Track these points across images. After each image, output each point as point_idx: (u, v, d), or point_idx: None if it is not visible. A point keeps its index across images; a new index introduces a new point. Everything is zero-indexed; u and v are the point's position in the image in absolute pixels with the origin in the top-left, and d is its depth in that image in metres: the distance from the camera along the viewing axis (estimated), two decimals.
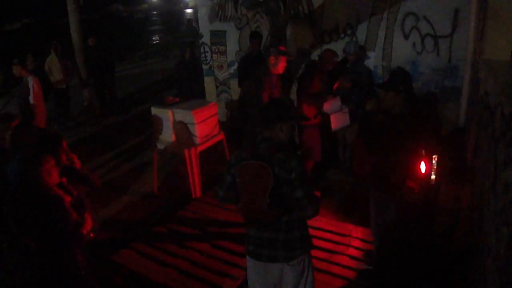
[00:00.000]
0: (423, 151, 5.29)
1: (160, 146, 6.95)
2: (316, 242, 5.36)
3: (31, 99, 7.67)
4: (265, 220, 3.26)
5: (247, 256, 3.57)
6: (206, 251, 5.43)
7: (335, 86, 6.63)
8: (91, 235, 4.01)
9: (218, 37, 9.35)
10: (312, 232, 5.37)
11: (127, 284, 5.02)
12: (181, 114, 6.61)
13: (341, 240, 5.46)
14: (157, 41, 26.50)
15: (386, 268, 4.80)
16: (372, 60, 7.34)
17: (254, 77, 5.91)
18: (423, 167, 5.32)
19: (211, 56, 9.64)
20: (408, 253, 5.07)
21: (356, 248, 5.30)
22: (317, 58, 7.10)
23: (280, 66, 5.59)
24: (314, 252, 4.93)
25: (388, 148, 4.34)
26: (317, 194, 3.43)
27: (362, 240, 5.39)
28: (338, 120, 6.53)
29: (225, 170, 3.42)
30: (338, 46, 7.52)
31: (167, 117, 6.70)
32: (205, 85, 10.06)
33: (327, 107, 6.47)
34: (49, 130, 7.48)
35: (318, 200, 3.32)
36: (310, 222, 3.52)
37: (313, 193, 3.24)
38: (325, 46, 7.64)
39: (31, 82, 7.86)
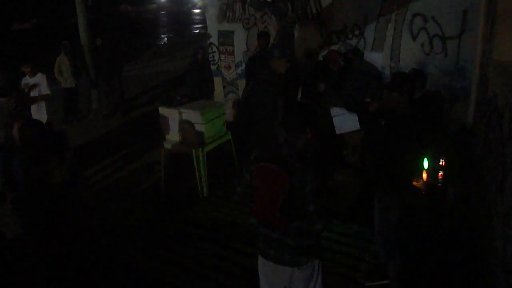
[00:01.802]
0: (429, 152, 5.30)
1: (168, 146, 6.97)
2: (325, 244, 5.36)
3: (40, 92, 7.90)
4: (275, 225, 3.24)
5: (258, 255, 3.56)
6: (213, 251, 5.44)
7: None
8: None
9: (226, 37, 9.35)
10: None
11: (134, 283, 5.04)
12: (188, 114, 6.62)
13: (350, 242, 5.46)
14: (165, 42, 26.51)
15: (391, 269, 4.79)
16: (380, 60, 7.32)
17: (258, 77, 5.89)
18: (425, 163, 5.30)
19: (219, 56, 9.65)
20: (414, 254, 5.07)
21: (365, 250, 5.29)
22: (322, 59, 7.10)
23: (282, 67, 5.55)
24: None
25: (393, 149, 4.33)
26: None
27: (369, 241, 5.37)
28: (342, 124, 6.50)
29: (244, 167, 3.40)
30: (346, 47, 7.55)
31: (175, 117, 6.72)
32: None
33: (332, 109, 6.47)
34: (54, 128, 7.55)
35: (328, 216, 3.28)
36: None
37: (324, 208, 3.18)
38: (333, 47, 7.64)
39: (44, 77, 8.08)
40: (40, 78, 8.30)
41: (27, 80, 8.23)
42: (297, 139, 3.24)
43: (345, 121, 6.52)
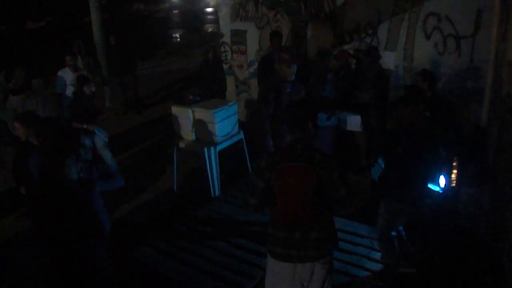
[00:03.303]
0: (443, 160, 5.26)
1: (180, 144, 6.99)
2: None
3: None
4: (306, 221, 3.28)
5: (270, 259, 3.54)
6: (224, 250, 5.46)
7: None
8: None
9: (239, 36, 9.36)
10: None
11: (146, 281, 5.07)
12: (201, 113, 6.65)
13: (359, 241, 5.45)
14: (178, 40, 26.57)
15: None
16: (393, 60, 7.28)
17: (266, 83, 5.81)
18: (442, 181, 5.28)
19: (232, 56, 9.66)
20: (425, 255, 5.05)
21: (375, 249, 5.28)
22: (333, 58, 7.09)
23: (286, 73, 5.42)
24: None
25: (408, 161, 4.31)
26: None
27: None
28: (345, 120, 6.50)
29: (254, 176, 3.39)
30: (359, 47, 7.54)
31: (188, 115, 6.74)
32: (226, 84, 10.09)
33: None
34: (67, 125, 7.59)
35: (357, 195, 3.36)
36: None
37: (352, 190, 3.25)
38: (346, 46, 7.62)
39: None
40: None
41: (67, 74, 8.17)
42: (306, 134, 3.31)
43: (348, 120, 6.51)
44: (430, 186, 5.11)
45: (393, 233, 4.85)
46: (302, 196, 3.16)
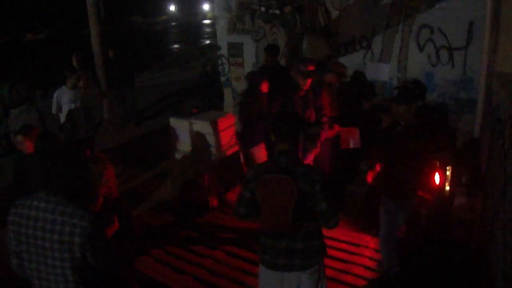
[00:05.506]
0: (437, 162, 5.36)
1: (178, 156, 7.06)
2: (331, 252, 5.40)
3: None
4: (288, 232, 3.32)
5: (261, 266, 3.62)
6: (222, 259, 5.52)
7: None
8: None
9: (236, 49, 9.45)
10: (327, 242, 5.44)
11: None
12: (198, 125, 6.73)
13: (356, 251, 5.52)
14: (176, 52, 26.71)
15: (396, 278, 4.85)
16: (388, 71, 7.39)
17: (282, 94, 5.88)
18: (437, 178, 5.37)
19: (229, 68, 9.75)
20: (419, 264, 5.12)
21: (371, 258, 5.34)
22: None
23: (299, 83, 5.52)
24: (329, 262, 5.00)
25: (403, 157, 4.42)
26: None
27: (377, 250, 5.42)
28: (347, 139, 6.53)
29: (243, 186, 3.47)
30: (354, 59, 7.64)
31: (185, 127, 6.82)
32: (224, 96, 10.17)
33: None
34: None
35: (338, 211, 3.40)
36: (325, 232, 3.59)
37: (334, 204, 3.29)
38: (341, 59, 7.72)
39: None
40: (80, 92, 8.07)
41: (64, 92, 7.89)
42: (293, 146, 3.37)
43: (350, 137, 6.55)
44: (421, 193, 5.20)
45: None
46: (282, 207, 3.19)
